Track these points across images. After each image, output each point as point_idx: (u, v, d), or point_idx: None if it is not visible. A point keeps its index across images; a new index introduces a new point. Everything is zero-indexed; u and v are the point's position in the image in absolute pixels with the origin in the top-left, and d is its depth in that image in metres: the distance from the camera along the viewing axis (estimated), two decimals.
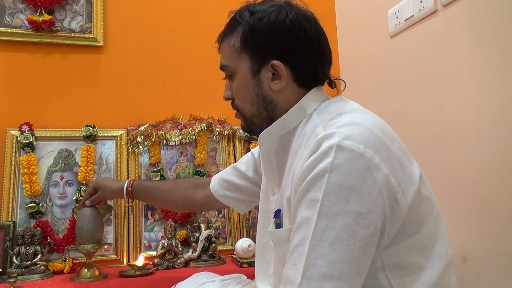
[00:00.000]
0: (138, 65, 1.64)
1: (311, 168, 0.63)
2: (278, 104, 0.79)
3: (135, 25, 1.65)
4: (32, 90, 1.51)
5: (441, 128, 1.21)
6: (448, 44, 1.18)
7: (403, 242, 0.66)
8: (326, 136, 0.64)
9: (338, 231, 0.59)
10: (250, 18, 0.78)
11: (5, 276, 1.22)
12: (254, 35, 0.77)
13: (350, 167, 0.60)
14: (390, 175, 0.63)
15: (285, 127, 0.79)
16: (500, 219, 1.01)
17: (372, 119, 0.70)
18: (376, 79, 1.56)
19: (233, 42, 0.80)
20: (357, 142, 0.62)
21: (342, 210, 0.59)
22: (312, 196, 0.62)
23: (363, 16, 1.65)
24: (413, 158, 0.74)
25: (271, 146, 0.81)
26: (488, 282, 1.04)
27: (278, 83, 0.78)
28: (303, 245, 0.60)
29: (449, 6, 1.17)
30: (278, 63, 0.76)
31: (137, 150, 1.53)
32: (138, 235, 1.46)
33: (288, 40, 0.76)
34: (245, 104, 0.82)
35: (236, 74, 0.81)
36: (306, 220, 0.61)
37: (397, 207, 0.64)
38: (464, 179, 1.12)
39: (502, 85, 1.01)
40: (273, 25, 0.76)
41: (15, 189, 1.39)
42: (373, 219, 0.60)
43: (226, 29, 0.83)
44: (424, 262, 0.68)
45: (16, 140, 1.43)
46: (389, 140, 0.67)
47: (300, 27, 0.77)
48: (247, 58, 0.79)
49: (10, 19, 1.49)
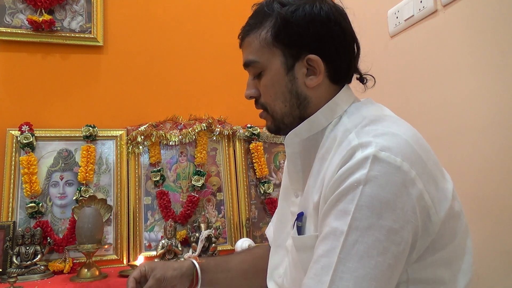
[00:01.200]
0: (138, 65, 1.64)
1: (344, 178, 0.61)
2: (311, 101, 0.75)
3: (135, 25, 1.65)
4: (32, 90, 1.51)
5: (441, 128, 1.21)
6: (448, 44, 1.18)
7: (431, 257, 0.64)
8: (361, 145, 0.62)
9: (368, 246, 0.56)
10: (282, 10, 0.72)
11: (5, 276, 1.22)
12: (288, 27, 0.72)
13: (385, 180, 0.58)
14: (425, 191, 0.61)
15: (313, 128, 0.75)
16: (500, 219, 1.01)
17: (408, 131, 0.67)
18: (376, 79, 1.56)
19: (263, 36, 0.74)
20: (394, 155, 0.59)
21: (374, 224, 0.57)
22: (343, 207, 0.59)
23: (363, 16, 1.65)
24: (445, 172, 0.72)
25: (297, 148, 0.77)
26: (488, 282, 1.04)
27: (314, 79, 0.74)
28: (330, 256, 0.58)
29: (449, 6, 1.17)
30: (315, 58, 0.72)
31: (137, 150, 1.53)
32: (138, 235, 1.46)
33: (323, 33, 0.73)
34: (277, 101, 0.76)
35: (267, 70, 0.75)
36: (335, 231, 0.59)
37: (429, 223, 0.62)
38: (463, 179, 1.12)
39: (502, 85, 1.01)
40: (308, 17, 0.72)
41: (15, 189, 1.39)
42: (405, 236, 0.58)
43: (251, 22, 0.77)
44: (449, 277, 0.67)
45: (16, 140, 1.43)
46: (424, 154, 0.64)
47: (335, 20, 0.74)
48: (279, 53, 0.74)
49: (10, 19, 1.49)
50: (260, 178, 1.63)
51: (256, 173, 1.63)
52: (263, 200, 1.62)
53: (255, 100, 0.80)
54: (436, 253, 0.65)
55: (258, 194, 1.63)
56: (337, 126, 0.73)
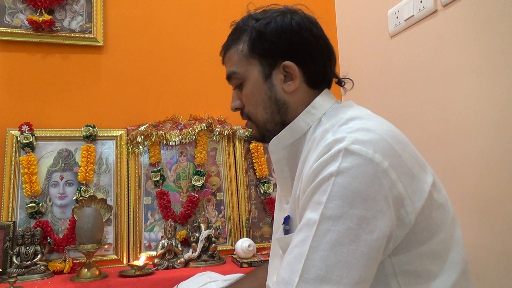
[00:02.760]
0: (138, 65, 1.64)
1: (318, 171, 0.63)
2: (290, 106, 0.79)
3: (135, 25, 1.65)
4: (32, 90, 1.51)
5: (442, 128, 1.21)
6: (448, 44, 1.18)
7: (416, 249, 0.66)
8: (335, 141, 0.64)
9: (340, 234, 0.58)
10: (256, 24, 0.78)
11: (5, 276, 1.22)
12: (262, 39, 0.78)
13: (357, 171, 0.60)
14: (398, 181, 0.62)
15: (295, 133, 0.78)
16: (500, 219, 1.01)
17: (384, 126, 0.69)
18: (376, 79, 1.56)
19: (241, 49, 0.80)
20: (366, 147, 0.62)
21: (345, 213, 0.59)
22: (317, 198, 0.61)
23: (363, 16, 1.65)
24: (427, 165, 0.73)
25: (282, 154, 0.80)
26: (488, 282, 1.04)
27: (291, 84, 0.78)
28: (303, 246, 0.60)
29: (449, 6, 1.17)
30: (290, 63, 0.77)
31: (137, 150, 1.53)
32: (138, 235, 1.46)
33: (296, 40, 0.78)
34: (258, 109, 0.80)
35: (247, 80, 0.80)
36: (308, 221, 0.61)
37: (404, 213, 0.63)
38: (464, 179, 1.12)
39: (502, 85, 1.01)
40: (280, 28, 0.77)
41: (15, 189, 1.39)
42: (378, 225, 0.59)
43: (230, 39, 0.83)
44: (438, 269, 0.67)
45: (16, 140, 1.43)
46: (400, 147, 0.66)
47: (306, 28, 0.79)
48: (256, 63, 0.79)
49: (10, 19, 1.49)
50: (260, 178, 1.63)
51: (256, 173, 1.63)
52: (263, 200, 1.62)
53: (240, 112, 0.84)
54: (422, 245, 0.66)
55: (258, 194, 1.63)
56: (317, 128, 0.76)
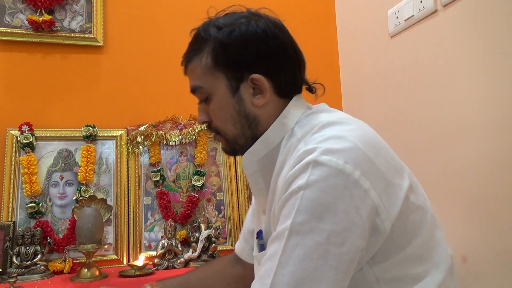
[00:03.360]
0: (138, 65, 1.64)
1: (289, 183, 0.62)
2: (261, 120, 0.75)
3: (135, 25, 1.65)
4: (32, 90, 1.51)
5: (441, 128, 1.21)
6: (448, 44, 1.18)
7: (396, 255, 0.65)
8: (306, 152, 0.63)
9: (308, 249, 0.57)
10: (219, 33, 0.73)
11: (5, 276, 1.22)
12: (226, 50, 0.72)
13: (326, 184, 0.59)
14: (371, 190, 0.61)
15: (267, 145, 0.75)
16: (500, 219, 1.01)
17: (357, 131, 0.67)
18: (376, 79, 1.56)
19: (204, 62, 0.74)
20: (336, 158, 0.60)
21: (314, 228, 0.58)
22: (286, 212, 0.61)
23: (363, 16, 1.65)
24: (404, 167, 0.72)
25: (255, 167, 0.77)
26: (488, 282, 1.04)
27: (261, 98, 0.74)
28: (273, 260, 0.59)
29: (449, 6, 1.17)
30: (259, 77, 0.72)
31: (137, 150, 1.53)
32: (138, 235, 1.46)
33: (263, 50, 0.73)
34: (227, 124, 0.76)
35: (213, 94, 0.75)
36: (278, 235, 0.61)
37: (379, 222, 0.62)
38: (464, 179, 1.12)
39: (502, 85, 1.01)
40: (245, 37, 0.72)
41: (15, 189, 1.39)
42: (348, 236, 0.58)
43: (191, 49, 0.78)
44: (421, 272, 0.67)
45: (16, 140, 1.43)
46: (373, 153, 0.65)
47: (273, 35, 0.74)
48: (222, 76, 0.74)
49: (10, 19, 1.49)
50: None
51: None
52: None
53: (208, 125, 0.80)
54: (401, 251, 0.65)
55: None
56: (290, 138, 0.73)
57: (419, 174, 1.29)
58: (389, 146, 0.74)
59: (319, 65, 1.82)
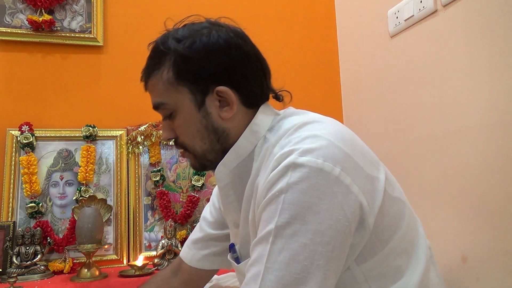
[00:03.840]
0: (138, 65, 1.61)
1: (268, 188, 0.61)
2: (230, 132, 0.73)
3: (135, 25, 1.65)
4: (32, 90, 1.51)
5: (441, 128, 1.21)
6: (448, 44, 1.18)
7: (382, 250, 0.65)
8: (283, 155, 0.62)
9: (294, 252, 0.57)
10: (179, 46, 0.70)
11: (5, 276, 1.22)
12: (188, 63, 0.70)
13: (306, 185, 0.58)
14: (353, 185, 0.61)
15: (240, 155, 0.73)
16: (500, 219, 1.01)
17: (330, 128, 0.67)
18: (376, 79, 1.56)
19: (165, 77, 0.71)
20: (315, 157, 0.60)
21: (298, 231, 0.57)
22: (268, 216, 0.60)
23: (363, 16, 1.65)
24: (378, 160, 0.72)
25: (228, 179, 0.75)
26: (488, 282, 1.04)
27: (228, 110, 0.71)
28: (258, 265, 0.59)
29: (449, 6, 1.17)
30: (224, 89, 0.70)
31: (137, 150, 1.53)
32: (138, 235, 1.46)
33: (227, 61, 0.70)
34: (195, 140, 0.73)
35: (177, 110, 0.72)
36: (261, 240, 0.60)
37: (363, 216, 0.62)
38: (464, 179, 1.12)
39: (502, 85, 1.01)
40: (207, 48, 0.70)
41: (15, 189, 1.39)
42: (334, 234, 0.58)
43: (150, 64, 0.75)
44: (405, 264, 0.68)
45: (16, 140, 1.43)
46: (350, 148, 0.65)
47: (236, 45, 0.71)
48: (186, 90, 0.71)
49: (10, 19, 1.49)
50: None
51: None
52: None
53: (174, 141, 0.77)
54: (386, 245, 0.66)
55: None
56: (263, 145, 0.72)
57: (419, 174, 1.30)
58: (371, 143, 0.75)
59: (319, 65, 1.82)
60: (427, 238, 0.76)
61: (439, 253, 1.17)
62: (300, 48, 1.79)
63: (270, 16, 1.77)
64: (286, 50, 1.77)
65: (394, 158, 1.41)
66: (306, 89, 1.76)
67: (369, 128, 1.60)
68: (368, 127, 1.60)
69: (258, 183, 0.67)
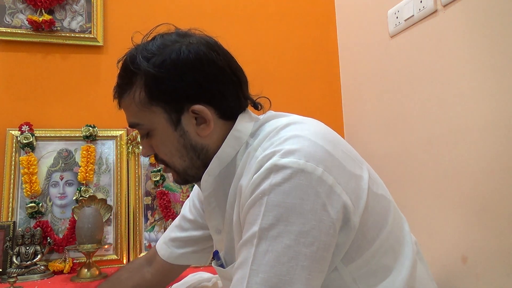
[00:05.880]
0: None
1: (251, 191, 0.61)
2: (210, 148, 0.72)
3: (135, 25, 1.64)
4: (32, 90, 1.51)
5: (441, 128, 1.21)
6: (448, 44, 1.18)
7: (368, 249, 0.65)
8: (265, 157, 0.62)
9: (278, 254, 0.57)
10: (149, 66, 0.68)
11: (5, 276, 1.22)
12: (159, 83, 0.67)
13: (289, 186, 0.58)
14: (336, 184, 0.61)
15: (222, 161, 0.73)
16: (500, 219, 1.01)
17: (311, 128, 0.67)
18: (376, 79, 1.56)
19: (138, 98, 0.70)
20: (297, 158, 0.60)
21: (282, 232, 0.57)
22: (252, 219, 0.60)
23: (363, 16, 1.65)
24: (361, 158, 0.72)
25: (212, 186, 0.75)
26: (488, 282, 1.04)
27: (206, 127, 0.70)
28: (244, 268, 0.59)
29: (449, 6, 1.17)
30: (200, 108, 0.69)
31: (137, 150, 1.53)
32: (138, 235, 1.46)
33: (200, 78, 0.68)
34: (174, 158, 0.73)
35: (153, 130, 0.71)
36: (246, 243, 0.60)
37: (348, 215, 0.62)
38: (464, 179, 1.12)
39: (502, 85, 1.01)
40: (177, 66, 0.67)
41: (15, 189, 1.39)
42: (317, 235, 0.58)
43: (121, 83, 0.74)
44: (392, 261, 0.68)
45: (16, 140, 1.43)
46: (332, 147, 0.64)
47: (208, 60, 0.69)
48: (160, 110, 0.69)
49: (10, 19, 1.49)
50: None
51: None
52: None
53: (154, 156, 0.76)
54: (373, 244, 0.66)
55: None
56: (245, 149, 0.72)
57: (419, 174, 1.30)
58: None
59: (319, 65, 1.82)
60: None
61: (439, 253, 1.17)
62: (300, 48, 1.79)
63: (270, 16, 1.77)
64: (286, 50, 1.77)
65: (394, 158, 1.41)
66: (306, 89, 1.76)
67: (369, 128, 1.60)
68: (368, 127, 1.60)
69: (241, 185, 0.67)
